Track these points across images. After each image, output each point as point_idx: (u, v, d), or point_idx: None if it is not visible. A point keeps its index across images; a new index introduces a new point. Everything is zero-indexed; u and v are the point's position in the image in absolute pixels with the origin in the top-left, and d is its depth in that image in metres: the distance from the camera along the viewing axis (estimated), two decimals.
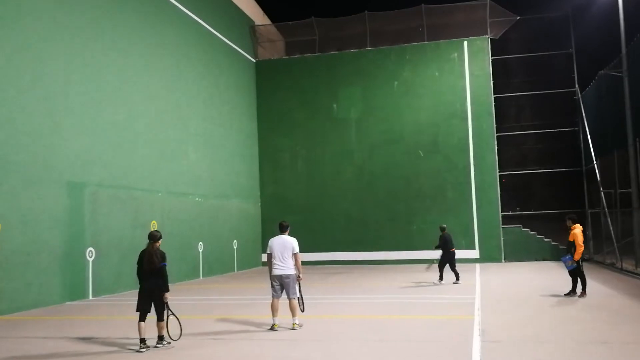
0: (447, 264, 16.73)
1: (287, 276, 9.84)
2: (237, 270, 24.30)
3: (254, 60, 28.34)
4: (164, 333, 8.61)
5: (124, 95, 17.66)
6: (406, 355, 7.64)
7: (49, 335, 9.99)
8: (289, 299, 9.86)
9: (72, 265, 14.92)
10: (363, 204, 26.34)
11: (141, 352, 8.25)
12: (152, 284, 8.61)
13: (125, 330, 10.13)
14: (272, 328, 9.81)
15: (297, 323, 9.86)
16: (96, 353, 8.36)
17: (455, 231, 25.05)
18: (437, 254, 17.71)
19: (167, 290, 8.61)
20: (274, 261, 9.88)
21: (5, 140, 13.08)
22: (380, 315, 11.33)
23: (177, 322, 8.66)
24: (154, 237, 8.85)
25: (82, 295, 15.22)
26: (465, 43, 26.21)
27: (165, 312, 8.58)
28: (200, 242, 21.48)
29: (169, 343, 8.61)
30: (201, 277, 21.26)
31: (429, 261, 23.48)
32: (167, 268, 8.70)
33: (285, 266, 9.84)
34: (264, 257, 26.81)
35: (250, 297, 14.85)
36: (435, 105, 26.16)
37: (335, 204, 26.64)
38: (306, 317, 10.55)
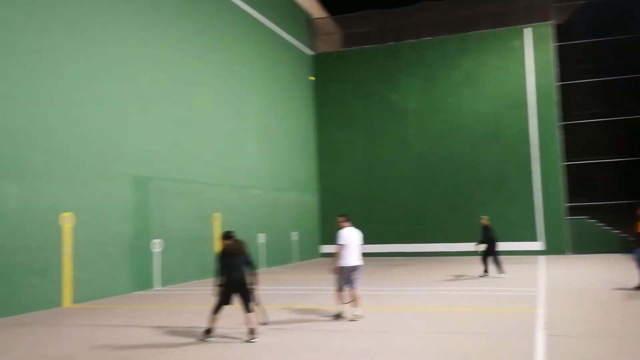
0: (490, 257, 16.36)
1: (359, 267, 10.04)
2: (297, 262, 24.60)
3: (312, 54, 28.48)
4: (254, 325, 8.49)
5: (185, 92, 18.15)
6: (466, 348, 7.59)
7: (121, 324, 10.45)
8: (354, 288, 9.96)
9: (139, 256, 15.52)
10: (422, 195, 26.13)
11: (208, 341, 8.46)
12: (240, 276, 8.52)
13: (194, 320, 10.47)
14: (338, 316, 10.03)
15: (359, 314, 9.95)
16: (168, 342, 8.69)
17: (516, 222, 24.61)
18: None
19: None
20: (351, 252, 9.93)
21: (77, 139, 13.70)
22: (440, 307, 11.27)
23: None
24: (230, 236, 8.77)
25: (149, 285, 15.81)
26: (528, 30, 25.48)
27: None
28: (261, 234, 21.87)
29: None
30: (262, 268, 21.65)
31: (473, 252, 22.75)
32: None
33: (358, 257, 10.04)
34: (323, 249, 27.06)
35: (310, 288, 15.04)
36: (496, 95, 25.62)
37: (394, 195, 26.53)
38: (366, 309, 10.62)
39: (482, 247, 16.65)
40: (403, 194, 26.41)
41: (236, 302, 8.58)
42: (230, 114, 20.71)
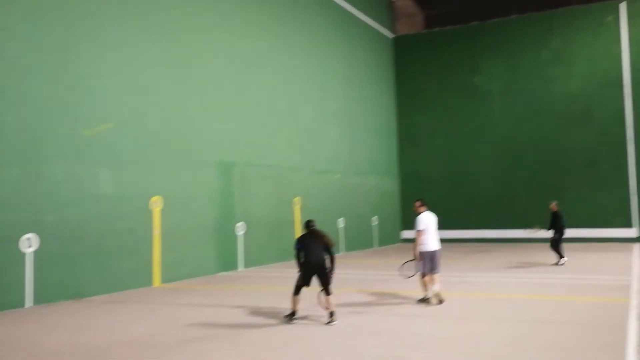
0: (557, 243, 15.82)
1: (440, 251, 10.05)
2: (377, 247, 24.57)
3: (392, 37, 28.13)
4: (333, 308, 8.56)
5: (266, 78, 18.44)
6: (553, 337, 7.32)
7: (208, 303, 10.85)
8: (435, 273, 9.95)
9: (224, 238, 16.02)
10: (507, 180, 25.31)
11: (293, 323, 8.64)
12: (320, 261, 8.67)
13: (277, 301, 10.71)
14: (423, 300, 10.04)
15: (442, 298, 9.94)
16: (253, 322, 8.95)
17: (608, 208, 23.39)
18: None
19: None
20: (431, 237, 9.92)
21: (163, 126, 14.26)
22: (526, 294, 10.92)
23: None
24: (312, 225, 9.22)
25: (233, 266, 16.30)
26: (623, 5, 23.97)
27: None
28: (341, 218, 21.98)
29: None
30: (342, 252, 21.79)
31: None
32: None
33: (438, 242, 10.07)
34: (404, 234, 26.87)
35: (390, 273, 14.98)
36: (588, 74, 24.34)
37: (477, 180, 25.88)
38: (447, 295, 10.48)
39: (549, 233, 16.09)
40: (486, 179, 25.70)
41: (316, 284, 8.70)
42: (310, 99, 20.87)
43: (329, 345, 7.19)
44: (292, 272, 15.70)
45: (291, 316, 8.74)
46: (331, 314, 8.49)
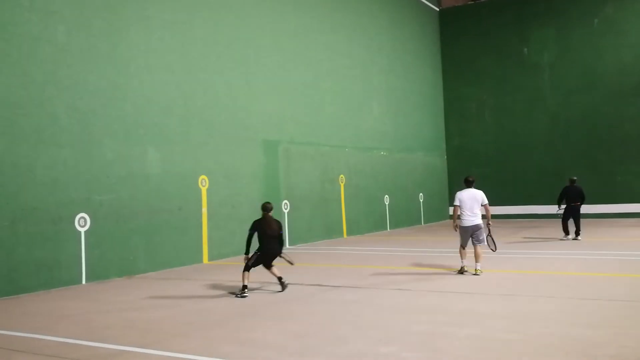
0: (572, 218, 15.89)
1: (476, 226, 10.43)
2: (424, 223, 24.39)
3: (438, 9, 27.53)
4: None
5: (310, 55, 18.37)
6: (601, 313, 7.14)
7: (251, 279, 11.01)
8: (476, 245, 10.47)
9: None
10: (558, 154, 24.59)
11: (244, 297, 9.17)
12: (272, 248, 9.66)
13: (320, 278, 10.80)
14: (460, 271, 10.61)
15: (479, 269, 10.43)
16: (295, 297, 9.06)
17: None
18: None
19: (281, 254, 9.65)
20: (465, 212, 10.44)
21: (209, 105, 14.42)
22: (575, 272, 10.67)
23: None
24: (268, 209, 10.00)
25: None
26: None
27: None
28: (386, 195, 21.88)
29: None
30: (388, 229, 21.74)
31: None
32: None
33: (475, 217, 10.43)
34: (452, 211, 26.54)
35: (435, 250, 14.88)
36: None
37: (526, 155, 25.24)
38: (495, 272, 10.36)
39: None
40: (536, 154, 25.04)
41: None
42: (355, 75, 20.70)
43: (373, 321, 7.21)
44: (338, 248, 15.82)
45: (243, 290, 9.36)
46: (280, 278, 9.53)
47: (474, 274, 10.35)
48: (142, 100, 12.75)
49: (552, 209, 24.24)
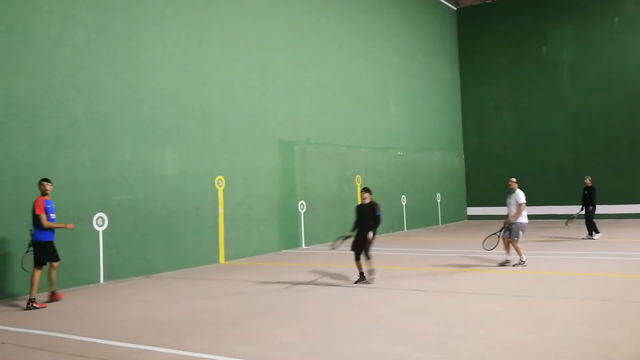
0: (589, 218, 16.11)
1: (513, 223, 11.67)
2: (441, 224, 24.26)
3: (455, 8, 27.38)
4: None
5: (326, 55, 18.38)
6: (615, 315, 7.06)
7: (267, 280, 11.08)
8: (510, 240, 11.69)
9: (286, 216, 16.24)
10: (578, 153, 24.27)
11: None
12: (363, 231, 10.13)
13: (335, 277, 10.82)
14: (503, 263, 11.72)
15: (510, 259, 11.65)
16: (311, 297, 9.09)
17: None
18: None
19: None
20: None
21: (226, 106, 14.51)
22: (591, 272, 10.54)
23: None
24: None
25: (296, 244, 16.53)
26: None
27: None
28: (403, 195, 21.81)
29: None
30: (405, 230, 21.67)
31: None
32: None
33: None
34: (470, 211, 26.40)
35: (452, 250, 14.80)
36: None
37: (546, 154, 24.94)
38: (511, 273, 10.30)
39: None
40: (556, 153, 24.75)
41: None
42: (371, 75, 20.67)
43: (387, 322, 7.21)
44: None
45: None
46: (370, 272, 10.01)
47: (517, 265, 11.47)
48: (159, 102, 12.87)
49: (571, 209, 24.10)
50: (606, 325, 6.59)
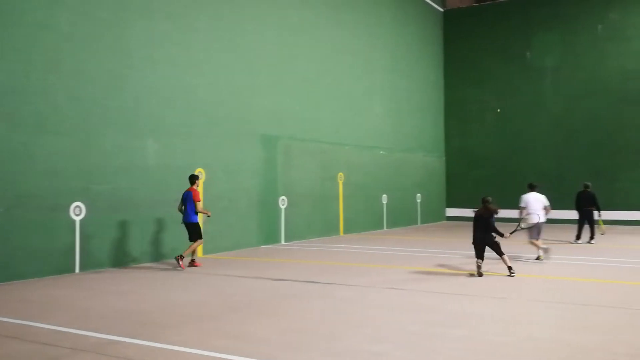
0: (587, 224, 16.47)
1: (542, 223, 12.82)
2: (420, 224, 24.40)
3: (442, 10, 27.51)
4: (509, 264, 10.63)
5: (313, 51, 18.35)
6: (594, 319, 7.15)
7: (246, 275, 11.04)
8: (537, 239, 12.75)
9: (267, 211, 16.19)
10: (559, 159, 24.57)
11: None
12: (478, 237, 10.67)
13: (313, 274, 10.81)
14: (538, 259, 12.70)
15: (542, 254, 12.62)
16: (289, 294, 9.07)
17: None
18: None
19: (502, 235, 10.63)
20: (532, 212, 12.68)
21: (210, 98, 14.42)
22: (575, 277, 10.66)
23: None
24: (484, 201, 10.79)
25: (276, 240, 16.49)
26: None
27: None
28: (384, 194, 21.89)
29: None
30: (384, 229, 21.75)
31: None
32: None
33: (541, 215, 12.76)
34: (449, 212, 26.57)
35: (431, 250, 14.89)
36: None
37: (527, 159, 25.20)
38: (492, 275, 10.38)
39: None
40: (537, 158, 25.01)
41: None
42: (357, 73, 20.68)
43: (367, 320, 7.22)
44: (334, 246, 15.81)
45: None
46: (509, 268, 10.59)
47: (537, 259, 12.68)
48: (143, 92, 12.74)
49: (552, 214, 24.28)
50: (581, 329, 6.66)
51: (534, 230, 12.76)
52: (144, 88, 12.75)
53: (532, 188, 13.26)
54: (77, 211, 11.25)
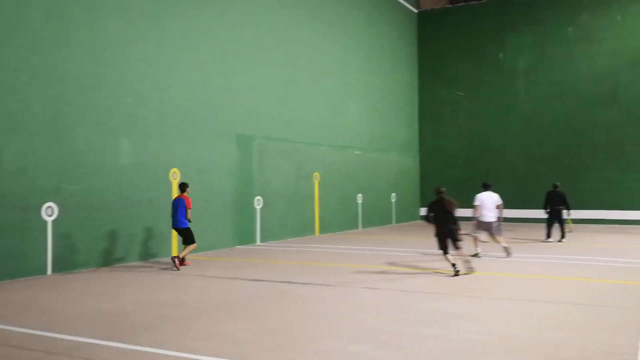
0: (557, 223, 16.75)
1: (494, 222, 13.39)
2: (395, 223, 24.56)
3: (416, 11, 27.71)
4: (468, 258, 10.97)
5: (289, 52, 18.33)
6: (567, 317, 7.29)
7: (222, 275, 10.99)
8: (494, 236, 13.37)
9: (242, 212, 16.13)
10: (530, 159, 24.98)
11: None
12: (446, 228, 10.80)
13: (289, 274, 10.81)
14: (475, 255, 12.96)
15: (507, 246, 13.19)
16: (264, 294, 9.05)
17: (633, 190, 23.03)
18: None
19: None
20: (484, 212, 13.30)
21: (184, 97, 14.30)
22: (549, 275, 10.83)
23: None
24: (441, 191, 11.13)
25: (251, 240, 16.43)
26: None
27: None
28: (360, 194, 21.98)
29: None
30: (360, 228, 21.84)
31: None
32: None
33: (492, 215, 13.38)
34: (422, 211, 26.76)
35: (407, 249, 15.01)
36: (616, 52, 23.74)
37: (499, 158, 25.57)
38: (468, 273, 10.50)
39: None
40: (509, 158, 25.40)
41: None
42: (332, 74, 20.73)
43: (344, 319, 7.25)
44: (310, 246, 15.83)
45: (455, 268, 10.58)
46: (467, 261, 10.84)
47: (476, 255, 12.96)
48: (117, 91, 12.58)
49: (523, 213, 24.71)
50: (555, 327, 6.79)
51: (483, 228, 13.48)
52: (117, 87, 12.59)
53: (486, 187, 13.74)
54: (50, 212, 11.06)
